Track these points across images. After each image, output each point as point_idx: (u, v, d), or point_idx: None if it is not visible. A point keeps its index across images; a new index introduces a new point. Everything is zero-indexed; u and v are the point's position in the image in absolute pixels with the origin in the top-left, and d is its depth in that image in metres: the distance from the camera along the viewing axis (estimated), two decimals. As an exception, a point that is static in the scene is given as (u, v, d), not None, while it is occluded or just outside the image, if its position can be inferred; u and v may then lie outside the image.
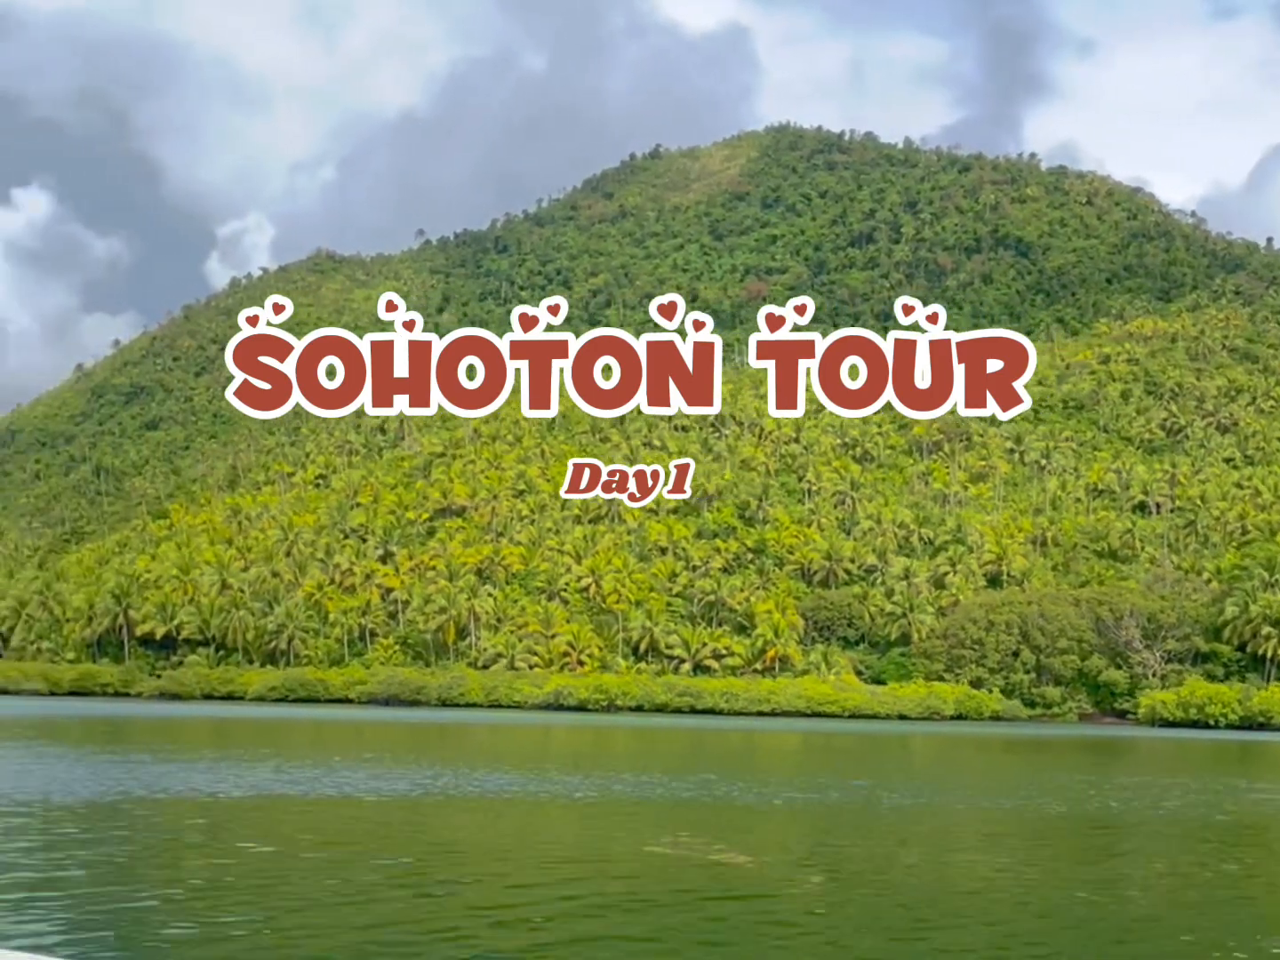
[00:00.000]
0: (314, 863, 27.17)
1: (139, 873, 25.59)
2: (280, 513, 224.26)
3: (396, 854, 28.52)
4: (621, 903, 23.36)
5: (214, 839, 31.15)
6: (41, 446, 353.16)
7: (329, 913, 21.58)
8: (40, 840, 29.84)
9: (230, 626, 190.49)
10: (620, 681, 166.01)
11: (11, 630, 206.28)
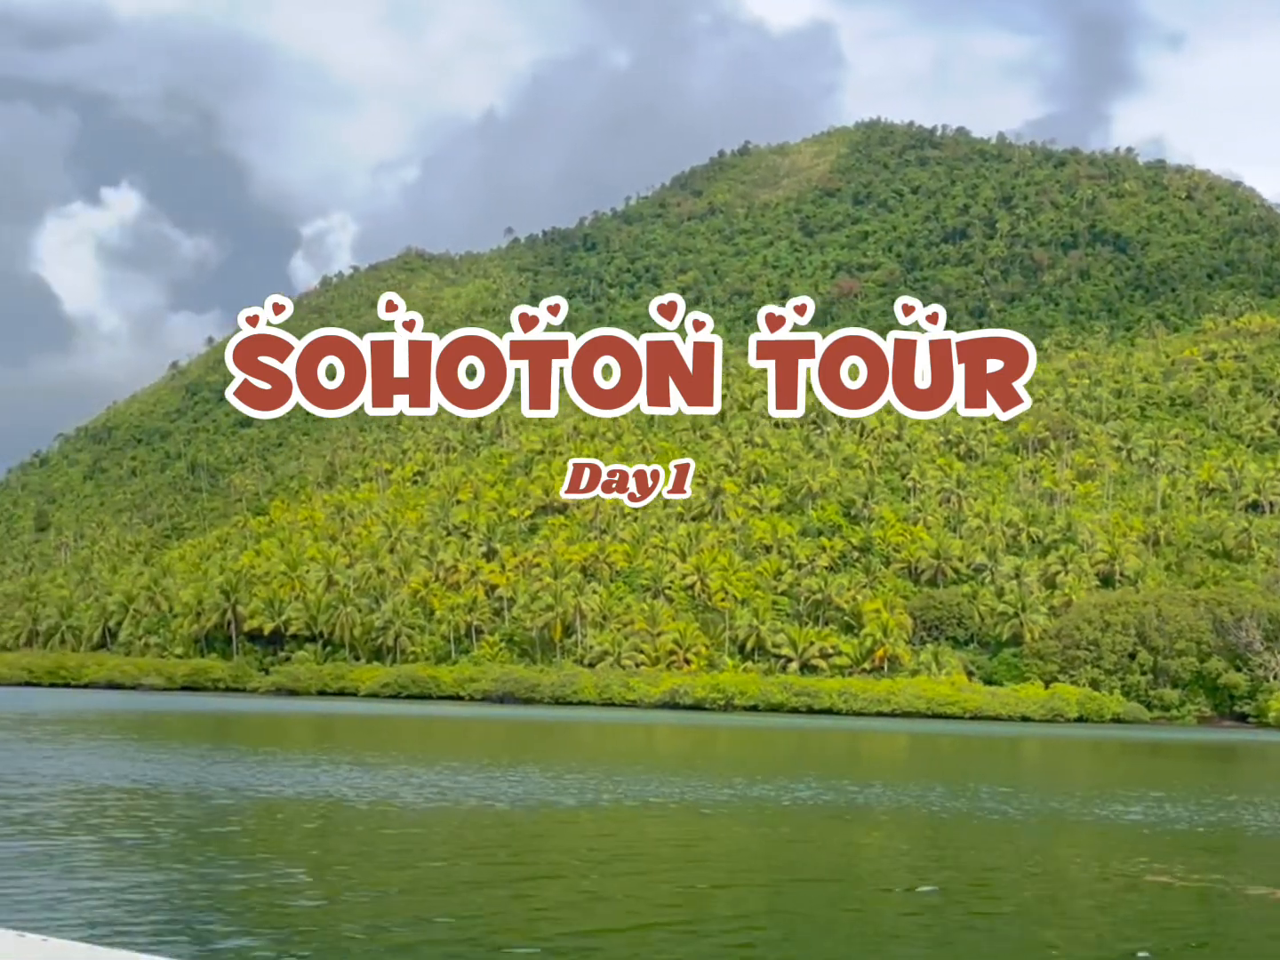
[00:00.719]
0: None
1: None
2: (382, 509, 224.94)
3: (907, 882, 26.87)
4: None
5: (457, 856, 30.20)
6: (137, 443, 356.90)
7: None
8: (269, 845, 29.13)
9: (338, 623, 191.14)
10: (737, 680, 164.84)
11: (119, 625, 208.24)
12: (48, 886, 21.31)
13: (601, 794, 42.97)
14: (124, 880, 22.52)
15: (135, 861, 25.25)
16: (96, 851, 26.11)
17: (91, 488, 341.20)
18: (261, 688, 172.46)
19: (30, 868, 23.12)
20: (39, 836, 27.66)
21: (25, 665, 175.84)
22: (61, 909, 19.36)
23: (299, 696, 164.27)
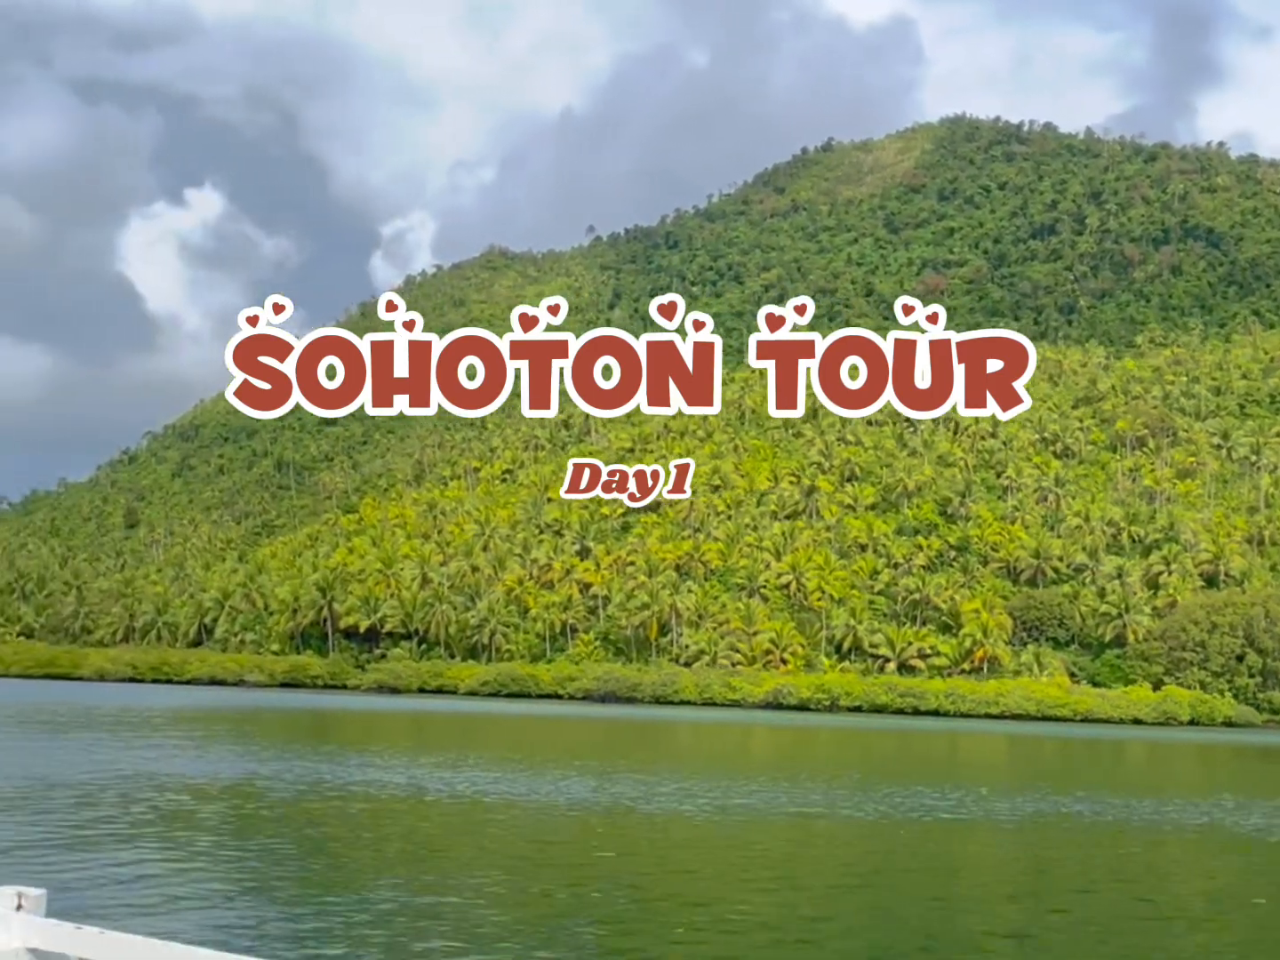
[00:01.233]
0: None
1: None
2: (474, 508, 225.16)
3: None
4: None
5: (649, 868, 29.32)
6: (224, 442, 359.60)
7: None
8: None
9: (433, 620, 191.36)
10: (841, 681, 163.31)
11: (215, 622, 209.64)
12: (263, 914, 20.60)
13: (793, 804, 41.97)
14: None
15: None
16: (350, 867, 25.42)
17: (180, 485, 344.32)
18: (363, 685, 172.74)
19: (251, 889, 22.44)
20: (237, 853, 27.03)
21: (129, 661, 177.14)
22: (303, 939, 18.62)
23: (400, 694, 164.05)
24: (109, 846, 24.87)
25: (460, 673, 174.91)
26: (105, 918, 17.34)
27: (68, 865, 22.20)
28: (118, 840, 25.82)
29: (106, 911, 18.17)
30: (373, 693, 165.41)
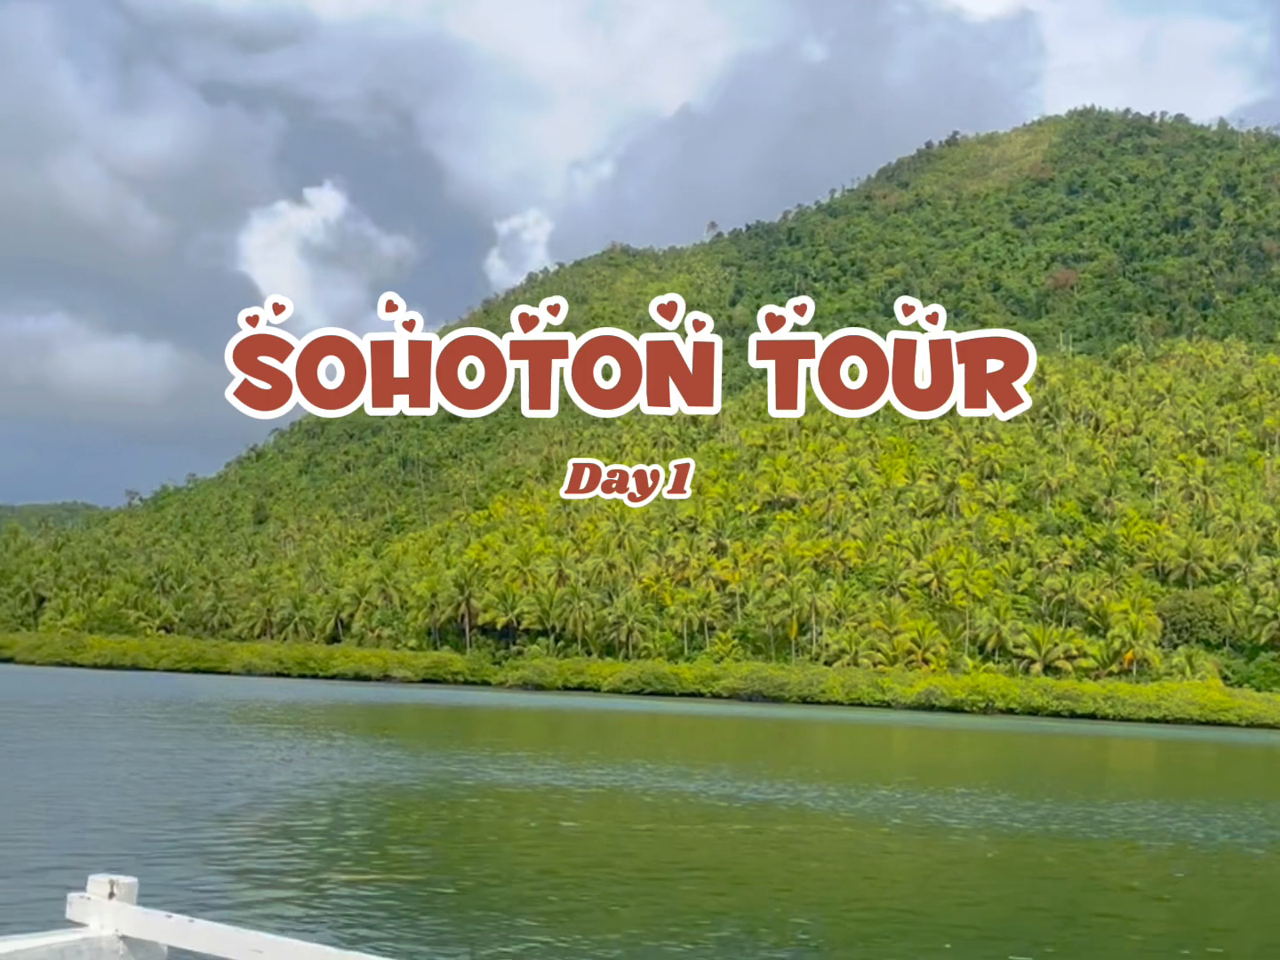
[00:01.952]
0: None
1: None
2: (607, 504, 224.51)
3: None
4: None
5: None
6: (350, 438, 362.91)
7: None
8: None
9: (570, 617, 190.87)
10: (996, 682, 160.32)
11: (351, 617, 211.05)
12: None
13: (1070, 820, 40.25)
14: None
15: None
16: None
17: (306, 481, 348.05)
18: (507, 682, 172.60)
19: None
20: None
21: (276, 656, 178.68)
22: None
23: (544, 691, 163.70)
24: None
25: (601, 670, 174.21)
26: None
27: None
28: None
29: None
30: (516, 690, 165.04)
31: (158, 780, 34.08)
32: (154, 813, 27.86)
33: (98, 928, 3.31)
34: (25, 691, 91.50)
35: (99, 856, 20.93)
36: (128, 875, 3.28)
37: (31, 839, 23.23)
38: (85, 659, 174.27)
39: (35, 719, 61.50)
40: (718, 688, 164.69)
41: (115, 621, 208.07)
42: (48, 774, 35.05)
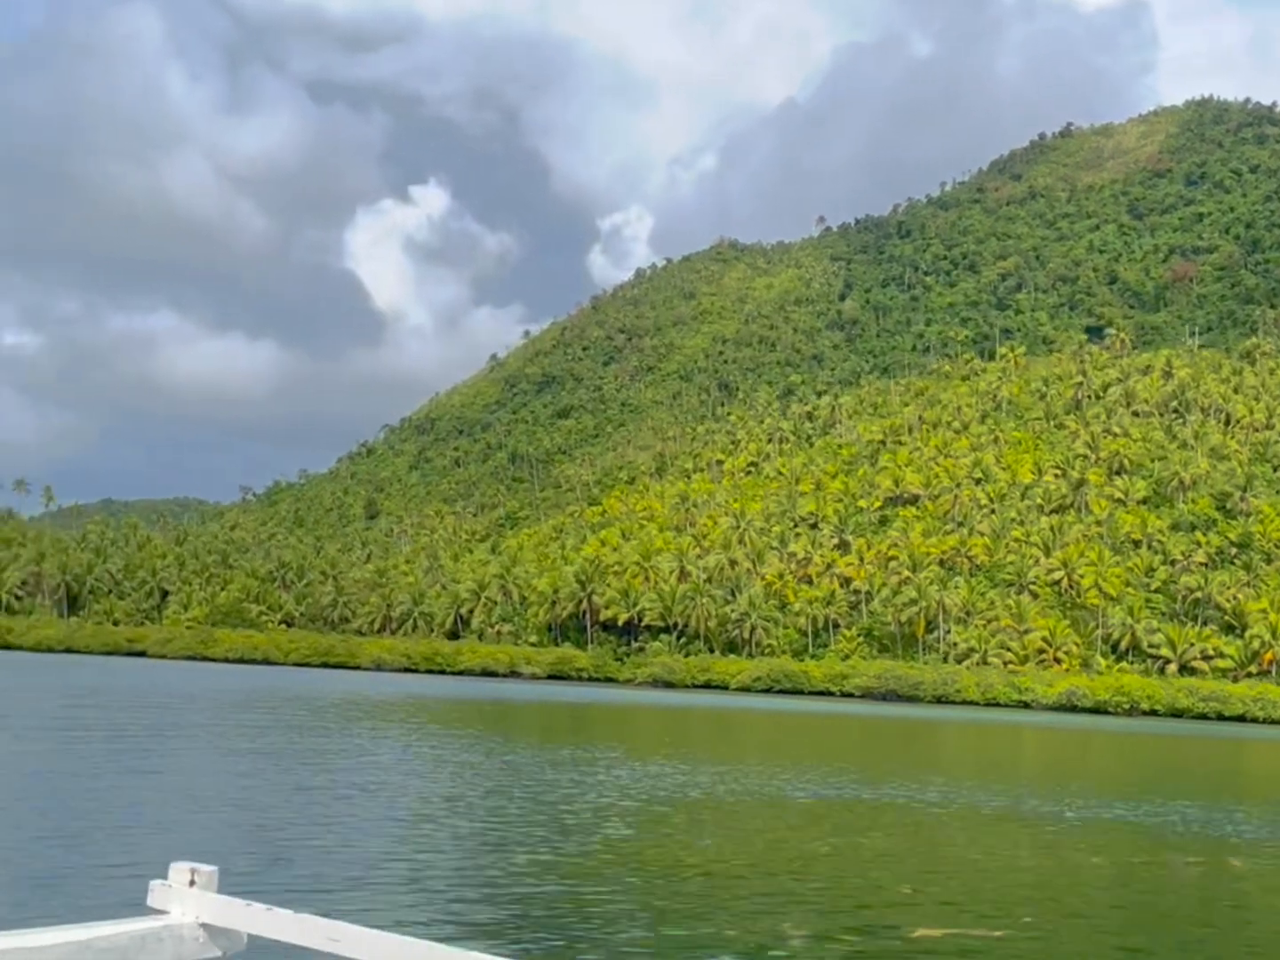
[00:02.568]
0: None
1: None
2: (726, 500, 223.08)
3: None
4: None
5: None
6: (459, 434, 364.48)
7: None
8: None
9: (693, 614, 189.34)
10: (1140, 683, 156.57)
11: (471, 613, 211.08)
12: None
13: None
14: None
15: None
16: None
17: (417, 477, 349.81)
18: (636, 679, 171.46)
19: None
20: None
21: (404, 651, 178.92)
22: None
23: (673, 688, 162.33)
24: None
25: (728, 668, 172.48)
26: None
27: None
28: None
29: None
30: (645, 687, 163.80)
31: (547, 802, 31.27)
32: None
33: (179, 915, 3.36)
34: (196, 687, 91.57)
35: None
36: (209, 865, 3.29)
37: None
38: (216, 653, 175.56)
39: (276, 718, 61.04)
40: (848, 686, 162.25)
41: (238, 616, 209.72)
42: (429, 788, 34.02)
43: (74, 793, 27.01)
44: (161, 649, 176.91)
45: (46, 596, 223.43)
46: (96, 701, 65.71)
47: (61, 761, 34.09)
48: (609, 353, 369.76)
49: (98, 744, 39.73)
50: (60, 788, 28.13)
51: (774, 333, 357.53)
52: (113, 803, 25.80)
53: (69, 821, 22.90)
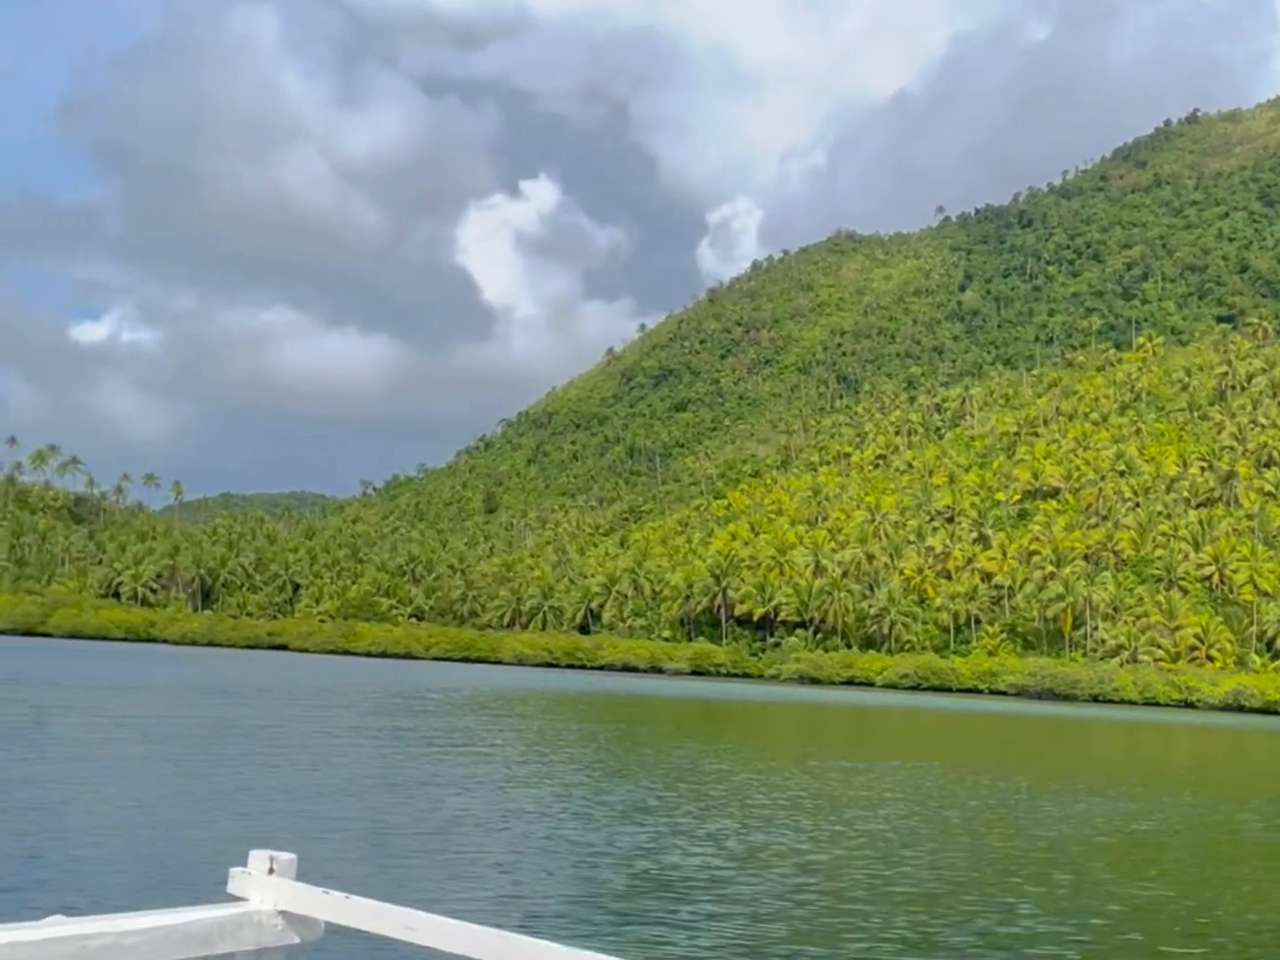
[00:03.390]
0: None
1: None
2: (859, 494, 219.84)
3: None
4: None
5: None
6: (576, 428, 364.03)
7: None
8: None
9: (831, 609, 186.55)
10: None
11: (601, 607, 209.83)
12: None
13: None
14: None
15: None
16: None
17: (535, 471, 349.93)
18: (781, 675, 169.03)
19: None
20: None
21: (545, 646, 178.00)
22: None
23: (818, 685, 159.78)
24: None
25: (871, 664, 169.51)
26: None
27: None
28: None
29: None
30: (792, 683, 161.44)
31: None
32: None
33: (258, 902, 3.38)
34: (406, 684, 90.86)
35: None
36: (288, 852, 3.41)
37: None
38: (358, 647, 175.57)
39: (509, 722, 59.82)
40: (1000, 684, 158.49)
41: (369, 609, 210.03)
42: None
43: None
44: (303, 643, 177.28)
45: (181, 589, 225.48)
46: (393, 705, 64.81)
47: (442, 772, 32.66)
48: (726, 345, 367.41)
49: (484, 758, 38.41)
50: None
51: (893, 324, 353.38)
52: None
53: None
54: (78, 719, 45.60)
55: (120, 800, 25.18)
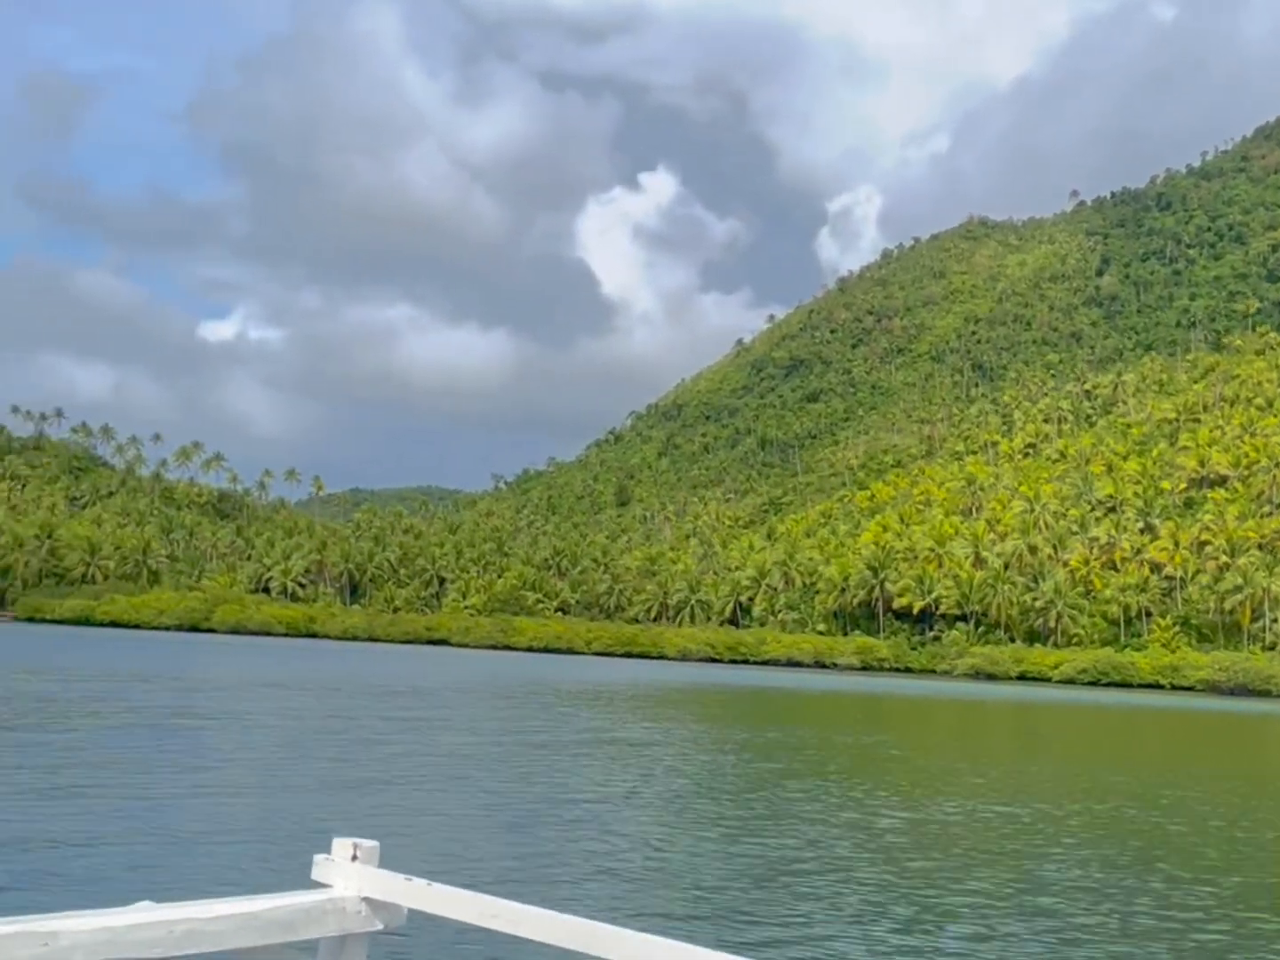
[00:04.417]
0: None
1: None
2: (1014, 483, 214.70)
3: None
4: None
5: None
6: (706, 420, 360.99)
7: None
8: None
9: (994, 602, 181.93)
10: None
11: (751, 600, 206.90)
12: None
13: None
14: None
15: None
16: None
17: (667, 463, 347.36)
18: (955, 669, 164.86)
19: None
20: None
21: (707, 641, 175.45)
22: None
23: (997, 681, 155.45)
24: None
25: (1044, 659, 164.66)
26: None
27: None
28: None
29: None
30: (963, 679, 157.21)
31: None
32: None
33: (342, 889, 3.42)
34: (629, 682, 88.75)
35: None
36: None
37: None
38: (519, 642, 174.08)
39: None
40: (1184, 679, 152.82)
41: (516, 603, 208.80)
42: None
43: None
44: (463, 638, 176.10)
45: (329, 584, 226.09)
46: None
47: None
48: (857, 335, 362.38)
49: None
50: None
51: (1029, 311, 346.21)
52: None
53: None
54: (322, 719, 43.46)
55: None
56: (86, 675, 60.59)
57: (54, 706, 41.10)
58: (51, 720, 36.20)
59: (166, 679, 61.92)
